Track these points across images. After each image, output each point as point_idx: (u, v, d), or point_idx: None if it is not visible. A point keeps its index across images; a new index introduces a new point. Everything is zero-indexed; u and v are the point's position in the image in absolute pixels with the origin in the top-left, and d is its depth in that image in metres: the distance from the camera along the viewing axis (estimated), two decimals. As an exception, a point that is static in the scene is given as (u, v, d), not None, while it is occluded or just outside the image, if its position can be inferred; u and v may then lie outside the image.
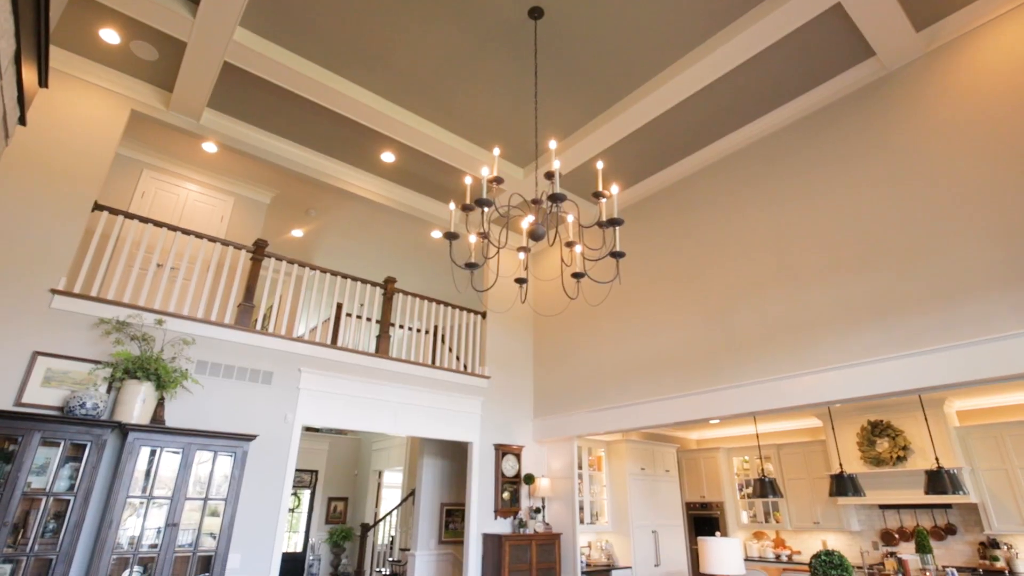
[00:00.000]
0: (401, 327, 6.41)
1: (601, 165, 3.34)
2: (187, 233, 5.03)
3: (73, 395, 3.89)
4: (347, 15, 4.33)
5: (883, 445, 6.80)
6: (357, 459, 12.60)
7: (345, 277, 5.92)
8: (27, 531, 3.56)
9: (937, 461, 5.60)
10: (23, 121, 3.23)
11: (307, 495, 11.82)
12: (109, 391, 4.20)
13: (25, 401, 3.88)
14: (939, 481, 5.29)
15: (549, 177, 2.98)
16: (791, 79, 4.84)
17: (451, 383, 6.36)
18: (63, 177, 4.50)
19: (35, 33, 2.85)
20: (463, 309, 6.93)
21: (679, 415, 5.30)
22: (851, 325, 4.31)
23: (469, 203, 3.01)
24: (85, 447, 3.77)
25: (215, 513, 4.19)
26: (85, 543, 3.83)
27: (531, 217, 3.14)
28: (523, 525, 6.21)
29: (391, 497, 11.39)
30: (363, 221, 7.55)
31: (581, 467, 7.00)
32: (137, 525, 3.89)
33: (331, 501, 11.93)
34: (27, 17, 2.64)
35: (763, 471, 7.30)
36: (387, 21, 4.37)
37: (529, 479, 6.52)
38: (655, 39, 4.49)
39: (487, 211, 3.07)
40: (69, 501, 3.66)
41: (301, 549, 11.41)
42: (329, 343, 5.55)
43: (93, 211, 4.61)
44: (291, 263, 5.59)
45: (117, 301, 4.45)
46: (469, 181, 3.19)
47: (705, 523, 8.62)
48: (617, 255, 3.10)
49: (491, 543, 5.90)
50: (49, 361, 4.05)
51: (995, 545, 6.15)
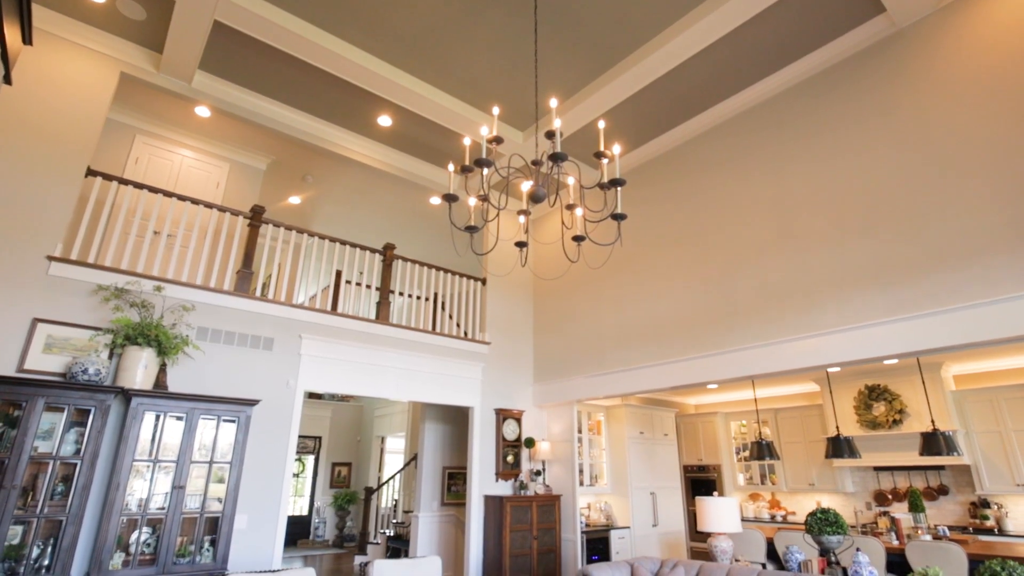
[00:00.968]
0: (401, 294, 6.40)
1: (603, 124, 3.27)
2: (183, 199, 4.97)
3: (75, 361, 3.91)
4: (340, -30, 4.18)
5: (879, 409, 6.87)
6: (360, 425, 12.79)
7: (344, 243, 5.88)
8: (36, 494, 3.62)
9: (933, 423, 5.66)
10: (8, 80, 3.14)
11: (311, 460, 12.03)
12: (110, 357, 4.22)
13: (27, 367, 3.90)
14: (934, 443, 5.37)
15: (550, 137, 2.92)
16: (797, 37, 4.71)
17: (452, 349, 6.38)
18: (54, 141, 4.42)
19: (16, -12, 2.74)
20: (463, 276, 6.91)
21: (678, 379, 5.34)
22: (852, 289, 4.30)
23: (468, 164, 2.95)
24: (89, 412, 3.80)
25: (221, 480, 4.26)
26: (94, 505, 3.90)
27: (530, 183, 3.09)
28: (524, 487, 6.33)
29: (394, 462, 11.60)
30: (361, 188, 7.46)
31: (581, 431, 7.10)
32: (144, 488, 3.96)
33: (335, 466, 12.16)
34: (7, -30, 2.54)
35: (760, 435, 7.40)
36: (381, -24, 4.22)
37: (530, 443, 6.61)
38: (659, -5, 4.35)
39: (487, 173, 3.01)
40: (76, 465, 3.71)
41: (306, 512, 11.68)
42: (329, 310, 5.55)
43: (86, 177, 4.54)
44: (289, 229, 5.55)
45: (115, 268, 4.42)
46: (468, 142, 3.13)
47: (702, 485, 8.79)
48: (618, 217, 3.06)
49: (492, 504, 6.03)
50: (49, 328, 4.05)
51: (986, 505, 6.27)
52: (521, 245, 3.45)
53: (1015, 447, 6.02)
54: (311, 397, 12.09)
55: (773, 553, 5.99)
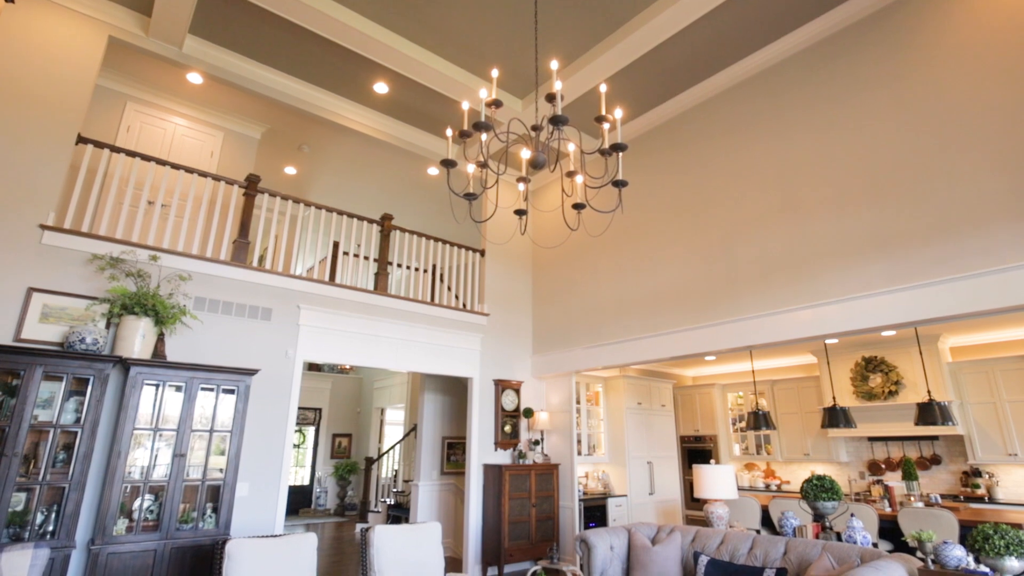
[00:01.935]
0: (400, 266, 6.36)
1: (604, 88, 3.19)
2: (176, 167, 4.88)
3: (72, 330, 3.89)
4: (333, -73, 4.03)
5: (876, 380, 6.92)
6: (359, 397, 12.88)
7: (341, 214, 5.82)
8: (38, 462, 3.64)
9: (929, 394, 5.71)
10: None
11: (312, 432, 12.15)
12: (108, 327, 4.20)
13: (24, 337, 3.88)
14: (930, 412, 5.41)
15: (550, 100, 2.85)
16: (802, 2, 4.58)
17: (450, 320, 6.38)
18: (43, 107, 4.31)
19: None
20: (461, 247, 6.86)
21: (678, 350, 5.35)
22: (853, 259, 4.27)
23: (467, 128, 2.89)
24: (88, 381, 3.80)
25: (222, 452, 4.28)
26: (96, 473, 3.93)
27: (530, 151, 3.03)
28: (523, 456, 6.40)
29: (393, 433, 11.72)
30: (358, 158, 7.35)
31: (579, 402, 7.15)
32: (146, 457, 3.98)
33: (335, 437, 12.29)
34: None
35: (757, 405, 7.46)
36: (376, -66, 4.07)
37: (528, 413, 6.66)
38: (663, -46, 4.21)
39: (486, 138, 2.95)
40: (77, 433, 3.72)
41: (308, 482, 11.84)
42: (327, 280, 5.52)
43: (77, 144, 4.45)
44: (285, 199, 5.47)
45: (109, 237, 4.37)
46: (467, 106, 3.05)
47: (699, 455, 8.90)
48: (619, 184, 3.00)
49: (492, 473, 6.10)
50: (45, 297, 4.02)
51: (977, 474, 6.37)
52: (521, 213, 3.41)
53: (1008, 417, 6.09)
54: (311, 369, 12.15)
55: (767, 520, 6.09)
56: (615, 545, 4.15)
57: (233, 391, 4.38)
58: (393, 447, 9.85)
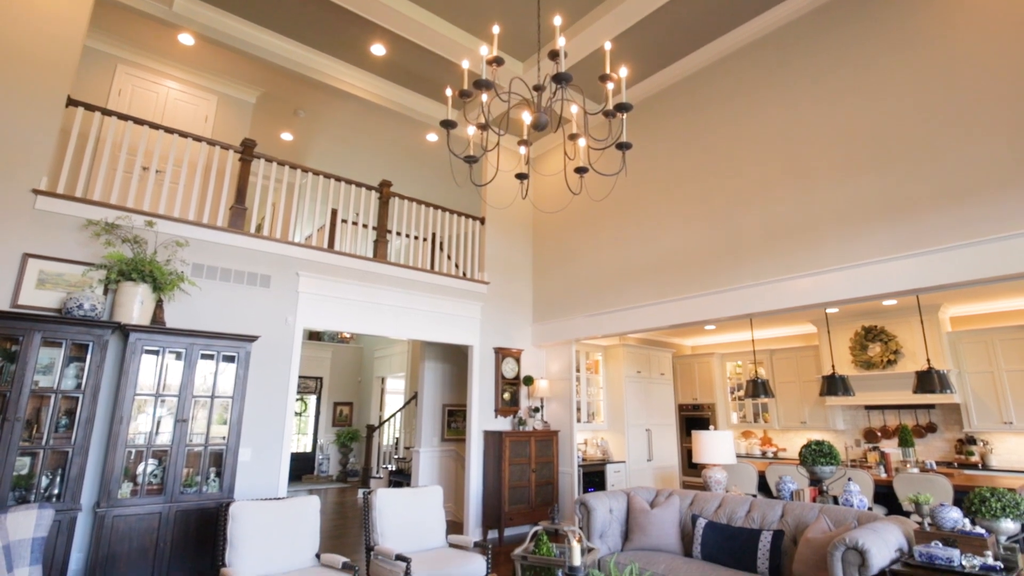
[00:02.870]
0: (399, 234, 6.30)
1: (609, 46, 3.09)
2: (171, 132, 4.78)
3: (70, 296, 3.86)
4: None
5: (875, 349, 6.94)
6: (360, 366, 12.95)
7: (339, 180, 5.73)
8: (40, 427, 3.65)
9: (928, 362, 5.72)
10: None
11: (313, 400, 12.26)
12: (106, 293, 4.17)
13: (22, 303, 3.85)
14: (928, 380, 5.44)
15: (553, 57, 2.76)
16: (817, -44, 4.43)
17: (450, 288, 6.35)
18: (30, 66, 4.18)
19: None
20: (461, 215, 6.79)
21: (679, 317, 5.34)
22: (857, 226, 4.22)
23: (467, 88, 2.80)
24: (87, 347, 3.78)
25: (223, 421, 4.29)
26: (99, 437, 3.95)
27: (530, 117, 2.94)
28: (522, 423, 6.46)
29: (394, 402, 11.82)
30: (356, 123, 7.21)
31: (579, 370, 7.18)
32: (149, 422, 4.00)
33: (336, 406, 12.40)
34: None
35: (756, 374, 7.50)
36: None
37: (528, 380, 6.69)
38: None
39: (486, 99, 2.86)
40: (78, 398, 3.72)
41: (310, 449, 12.01)
42: (326, 247, 5.46)
43: (67, 107, 4.34)
44: (282, 165, 5.38)
45: (104, 202, 4.30)
46: (467, 65, 2.95)
47: (697, 423, 9.00)
48: (623, 146, 2.93)
49: (492, 439, 6.16)
50: (41, 263, 3.98)
51: (972, 442, 6.44)
52: (522, 177, 3.34)
53: (1005, 386, 6.13)
54: (311, 338, 12.19)
55: (764, 486, 6.18)
56: (614, 508, 4.20)
57: (233, 358, 4.38)
58: (394, 415, 9.94)
